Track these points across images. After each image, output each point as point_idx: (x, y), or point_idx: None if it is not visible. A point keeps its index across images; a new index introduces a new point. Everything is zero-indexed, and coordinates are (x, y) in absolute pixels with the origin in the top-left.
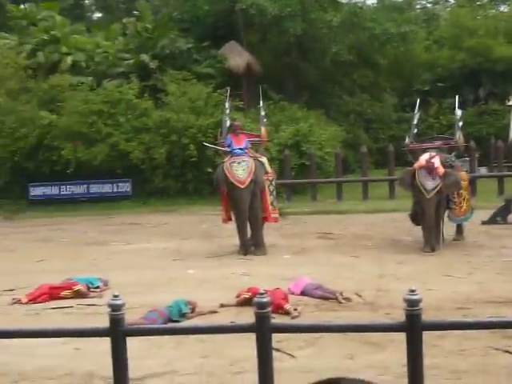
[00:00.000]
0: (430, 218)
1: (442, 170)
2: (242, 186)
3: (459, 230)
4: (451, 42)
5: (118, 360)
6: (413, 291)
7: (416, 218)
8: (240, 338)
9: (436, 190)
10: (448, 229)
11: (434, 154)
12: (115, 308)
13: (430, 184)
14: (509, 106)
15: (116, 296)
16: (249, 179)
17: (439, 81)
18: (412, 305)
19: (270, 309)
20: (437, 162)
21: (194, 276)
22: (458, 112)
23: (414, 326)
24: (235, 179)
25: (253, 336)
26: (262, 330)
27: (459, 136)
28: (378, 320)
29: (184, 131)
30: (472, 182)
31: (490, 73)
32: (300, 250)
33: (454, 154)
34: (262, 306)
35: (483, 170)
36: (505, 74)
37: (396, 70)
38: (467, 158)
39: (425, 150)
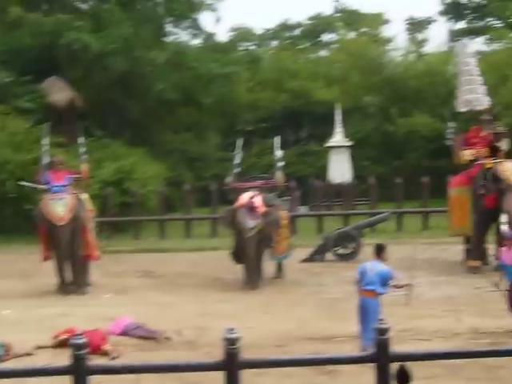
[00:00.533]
0: (251, 256)
1: (262, 209)
2: (62, 223)
3: (279, 267)
4: (273, 84)
5: None
6: (231, 330)
7: (237, 256)
8: (56, 381)
9: (256, 228)
10: (269, 267)
11: (255, 193)
12: None
13: (250, 223)
14: (328, 147)
15: None
16: (68, 216)
17: (262, 121)
18: (230, 343)
19: (87, 350)
20: (258, 201)
21: (10, 317)
22: (279, 152)
23: (232, 365)
24: (54, 216)
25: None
26: (79, 372)
27: (279, 176)
28: (197, 359)
29: (1, 166)
30: (292, 220)
31: (310, 115)
32: (121, 289)
33: (274, 193)
34: (78, 347)
35: (303, 209)
36: (324, 117)
37: (220, 110)
38: (288, 198)
39: (246, 189)
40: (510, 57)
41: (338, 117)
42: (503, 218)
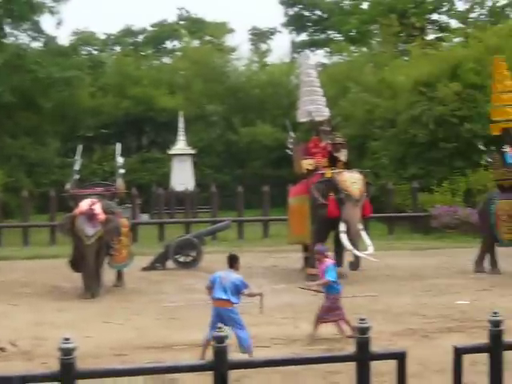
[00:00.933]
0: (90, 264)
1: (102, 217)
2: None
3: (119, 276)
4: (116, 90)
5: None
6: (67, 339)
7: (76, 264)
8: None
9: (96, 236)
10: (108, 275)
11: (95, 200)
12: None
13: (90, 230)
14: (170, 154)
15: None
16: None
17: (104, 127)
18: (66, 353)
19: None
20: (97, 208)
21: None
22: (120, 159)
23: (68, 375)
24: None
25: None
26: None
27: (120, 183)
28: (33, 370)
29: None
30: (133, 228)
31: (153, 122)
32: None
33: (115, 200)
34: None
35: (145, 217)
36: (167, 124)
37: (60, 115)
38: (129, 205)
39: (86, 196)
40: (349, 69)
41: (181, 124)
42: (342, 226)
